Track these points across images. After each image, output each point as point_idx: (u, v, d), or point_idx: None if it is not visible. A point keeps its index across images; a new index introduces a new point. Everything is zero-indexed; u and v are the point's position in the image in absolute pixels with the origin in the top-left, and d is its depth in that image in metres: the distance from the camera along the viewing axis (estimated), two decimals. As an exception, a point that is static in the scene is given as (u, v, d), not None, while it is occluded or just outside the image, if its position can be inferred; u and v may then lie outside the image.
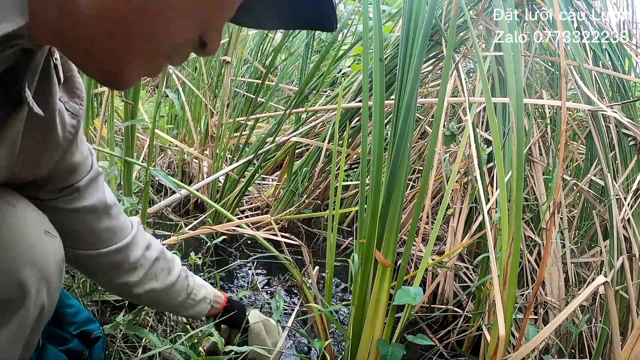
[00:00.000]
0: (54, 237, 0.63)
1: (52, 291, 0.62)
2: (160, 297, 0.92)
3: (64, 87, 0.62)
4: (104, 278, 0.86)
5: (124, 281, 0.85)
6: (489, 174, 1.37)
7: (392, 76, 1.56)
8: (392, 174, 0.94)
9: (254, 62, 2.42)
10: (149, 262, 0.88)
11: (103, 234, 0.78)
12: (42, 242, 0.61)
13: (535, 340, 0.91)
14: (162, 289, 0.91)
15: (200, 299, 1.00)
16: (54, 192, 0.69)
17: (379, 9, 1.01)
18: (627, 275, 1.12)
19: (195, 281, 1.00)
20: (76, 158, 0.69)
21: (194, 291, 0.98)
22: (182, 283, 0.95)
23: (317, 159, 1.92)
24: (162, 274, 0.91)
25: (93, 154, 0.75)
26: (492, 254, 0.97)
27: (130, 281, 0.85)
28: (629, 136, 1.25)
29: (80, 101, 0.65)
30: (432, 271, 1.59)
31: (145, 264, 0.87)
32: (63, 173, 0.68)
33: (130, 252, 0.83)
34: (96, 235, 0.78)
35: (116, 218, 0.80)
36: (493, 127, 0.96)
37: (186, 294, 0.96)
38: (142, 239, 0.88)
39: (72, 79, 0.64)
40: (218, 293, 1.06)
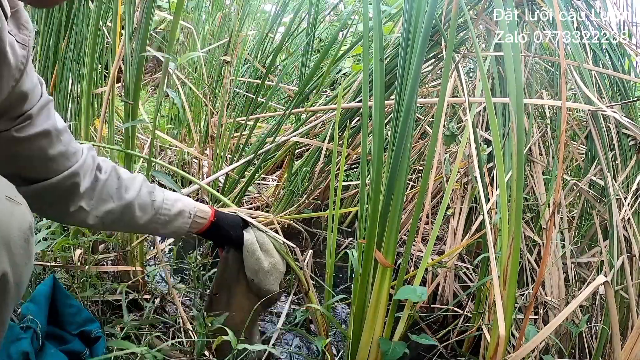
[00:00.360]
0: (18, 204, 0.62)
1: (17, 259, 0.59)
2: (122, 218, 0.89)
3: (12, 21, 0.66)
4: (60, 210, 0.84)
5: (77, 207, 0.83)
6: (489, 174, 1.37)
7: (392, 76, 1.56)
8: (392, 174, 0.94)
9: (254, 62, 2.42)
10: (100, 183, 0.86)
11: (56, 160, 0.79)
12: (1, 208, 0.58)
13: (535, 340, 0.91)
14: (120, 209, 0.88)
15: (177, 213, 0.95)
16: (8, 121, 0.72)
17: (379, 9, 1.01)
18: (627, 275, 1.12)
19: (166, 195, 0.95)
20: (27, 86, 0.72)
21: (165, 205, 0.93)
22: (145, 198, 0.91)
23: (317, 159, 1.92)
24: (117, 193, 0.87)
25: (43, 83, 0.78)
26: (492, 254, 0.97)
27: (84, 205, 0.84)
28: (629, 136, 1.25)
29: (28, 33, 0.69)
30: (432, 271, 1.59)
31: (97, 185, 0.85)
32: (16, 102, 0.71)
33: (82, 176, 0.83)
34: (50, 162, 0.78)
35: (67, 144, 0.81)
36: (493, 127, 0.96)
37: (153, 210, 0.92)
38: (94, 162, 0.86)
39: (19, 12, 0.67)
40: (202, 206, 1.00)
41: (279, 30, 2.44)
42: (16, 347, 0.78)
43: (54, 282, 0.94)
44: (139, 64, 1.12)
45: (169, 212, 0.94)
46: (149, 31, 1.11)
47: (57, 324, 0.93)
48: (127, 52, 1.14)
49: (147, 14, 1.10)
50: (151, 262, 1.43)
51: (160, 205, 0.93)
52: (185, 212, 0.96)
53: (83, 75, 1.37)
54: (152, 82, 3.52)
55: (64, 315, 0.94)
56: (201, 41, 2.38)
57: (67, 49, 1.44)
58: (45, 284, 0.94)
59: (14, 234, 0.58)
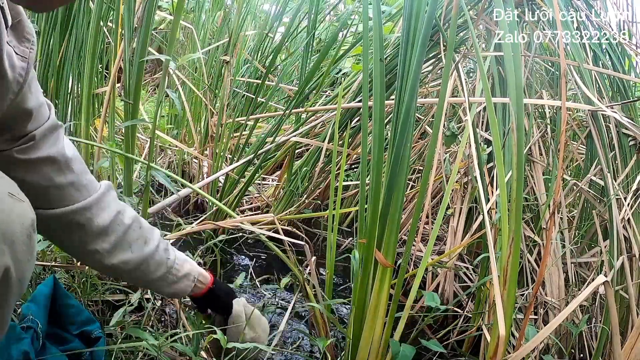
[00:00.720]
0: (21, 201, 0.61)
1: (19, 255, 0.59)
2: (137, 269, 0.86)
3: (12, 32, 0.63)
4: (73, 244, 0.81)
5: (94, 248, 0.80)
6: (489, 174, 1.37)
7: (392, 76, 1.57)
8: (392, 174, 0.95)
9: (254, 62, 2.42)
10: (121, 229, 0.83)
11: (65, 190, 0.76)
12: (3, 204, 0.58)
13: (535, 340, 0.91)
14: (138, 261, 0.85)
15: (183, 275, 0.93)
16: (8, 141, 0.69)
17: (379, 9, 1.01)
18: (627, 275, 1.12)
19: (177, 255, 0.93)
20: (31, 104, 0.69)
21: (176, 266, 0.92)
22: (162, 255, 0.89)
23: (317, 159, 1.92)
24: (137, 243, 0.85)
25: (51, 106, 0.75)
26: (492, 254, 0.97)
27: (100, 249, 0.81)
28: (629, 136, 1.25)
29: (30, 45, 0.66)
30: (432, 271, 1.59)
31: (116, 230, 0.82)
32: (17, 119, 0.68)
33: (96, 213, 0.79)
34: (58, 191, 0.75)
35: (80, 174, 0.77)
36: (493, 127, 0.96)
37: (166, 268, 0.90)
38: (114, 203, 0.83)
39: (21, 24, 0.64)
40: (204, 272, 0.99)
41: (279, 30, 2.44)
42: (17, 347, 0.78)
43: (54, 282, 0.94)
44: (139, 64, 1.12)
45: (178, 272, 0.93)
46: (149, 31, 1.11)
47: (58, 324, 0.93)
48: (127, 52, 1.14)
49: (148, 14, 1.10)
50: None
51: (172, 264, 0.91)
52: (191, 275, 0.95)
53: (83, 75, 1.38)
54: (152, 82, 3.52)
55: (65, 315, 0.94)
56: (201, 41, 2.38)
57: (67, 49, 1.44)
58: (46, 284, 0.94)
59: (16, 230, 0.58)
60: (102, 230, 0.81)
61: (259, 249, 1.81)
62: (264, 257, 1.81)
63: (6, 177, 0.62)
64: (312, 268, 1.21)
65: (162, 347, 0.91)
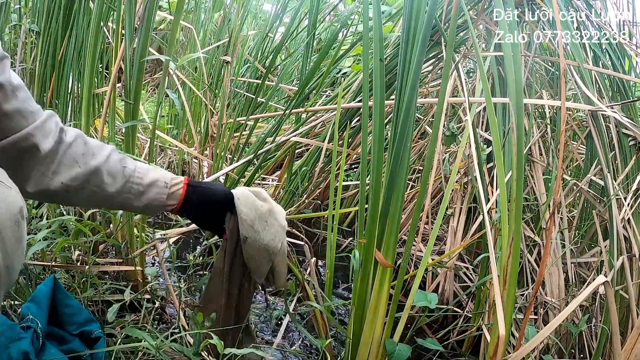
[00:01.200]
0: (8, 187, 0.60)
1: (7, 243, 0.57)
2: (89, 184, 0.79)
3: None
4: (22, 177, 0.77)
5: (40, 172, 0.76)
6: (489, 174, 1.37)
7: (392, 76, 1.57)
8: (392, 174, 0.95)
9: (254, 62, 2.42)
10: (63, 147, 0.78)
11: (12, 117, 0.74)
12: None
13: (535, 340, 0.91)
14: (87, 173, 0.79)
15: (150, 183, 0.83)
16: None
17: (379, 9, 1.01)
18: (627, 275, 1.12)
19: (139, 165, 0.85)
20: None
21: (138, 174, 0.83)
22: (116, 165, 0.81)
23: (317, 159, 1.93)
24: (83, 158, 0.79)
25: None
26: (492, 254, 0.97)
27: (45, 171, 0.77)
28: (629, 136, 1.25)
29: None
30: (432, 271, 1.59)
31: (60, 150, 0.78)
32: None
33: (42, 138, 0.76)
34: (5, 118, 0.73)
35: (26, 102, 0.76)
36: (493, 127, 0.96)
37: (124, 178, 0.82)
38: (57, 126, 0.79)
39: None
40: (180, 177, 0.89)
41: (279, 30, 2.44)
42: (16, 347, 0.78)
43: (54, 282, 0.95)
44: (140, 64, 1.12)
45: (142, 180, 0.83)
46: (150, 31, 1.11)
47: (57, 324, 0.93)
48: (128, 52, 1.14)
49: (148, 14, 1.10)
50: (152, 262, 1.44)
51: (131, 173, 0.82)
52: (160, 181, 0.84)
53: (84, 75, 1.38)
54: (152, 82, 3.52)
55: (64, 315, 0.94)
56: (201, 41, 2.38)
57: (67, 48, 1.44)
58: (46, 284, 0.94)
59: (3, 217, 0.57)
60: (48, 153, 0.77)
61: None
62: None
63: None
64: (312, 269, 1.21)
65: (161, 348, 0.91)
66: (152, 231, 1.33)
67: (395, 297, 1.00)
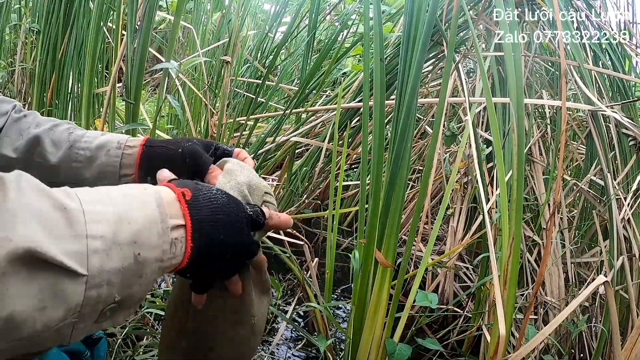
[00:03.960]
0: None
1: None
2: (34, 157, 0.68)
3: None
4: None
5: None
6: (489, 174, 1.37)
7: (393, 76, 1.57)
8: (392, 173, 0.95)
9: (254, 62, 2.42)
10: (11, 120, 0.69)
11: None
12: None
13: (535, 340, 0.91)
14: (28, 142, 0.68)
15: (99, 146, 0.68)
16: None
17: (380, 8, 1.01)
18: (627, 275, 1.13)
19: (90, 132, 0.71)
20: None
21: (86, 139, 0.69)
22: (62, 134, 0.70)
23: (317, 159, 1.93)
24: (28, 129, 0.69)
25: None
26: (492, 254, 0.97)
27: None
28: (629, 136, 1.25)
29: None
30: (432, 271, 1.59)
31: (7, 124, 0.69)
32: None
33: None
34: None
35: None
36: (493, 127, 0.96)
37: (69, 143, 0.68)
38: (13, 109, 0.70)
39: None
40: (137, 138, 0.71)
41: (279, 30, 2.44)
42: None
43: None
44: (140, 64, 1.12)
45: (90, 144, 0.69)
46: (150, 31, 1.11)
47: None
48: (128, 52, 1.14)
49: (148, 14, 1.10)
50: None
51: (78, 138, 0.69)
52: (111, 142, 0.69)
53: (84, 75, 1.38)
54: (152, 82, 3.52)
55: None
56: (201, 41, 2.38)
57: (67, 48, 1.44)
58: None
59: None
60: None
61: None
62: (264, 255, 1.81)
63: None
64: (312, 270, 1.21)
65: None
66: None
67: (395, 297, 1.00)
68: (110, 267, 0.38)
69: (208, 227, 0.47)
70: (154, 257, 0.42)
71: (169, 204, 0.45)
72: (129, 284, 0.40)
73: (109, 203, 0.41)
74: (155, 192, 0.45)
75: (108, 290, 0.38)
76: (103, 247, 0.38)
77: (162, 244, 0.43)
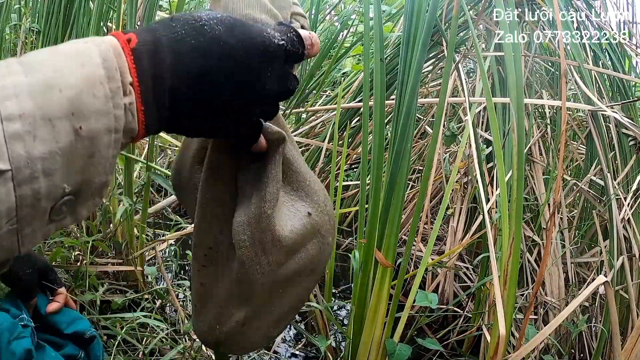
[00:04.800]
0: None
1: None
2: None
3: None
4: None
5: None
6: (489, 174, 1.37)
7: (393, 76, 1.57)
8: (392, 173, 0.94)
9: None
10: None
11: None
12: None
13: (535, 340, 0.91)
14: None
15: None
16: None
17: (380, 8, 1.01)
18: (627, 275, 1.12)
19: None
20: None
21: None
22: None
23: (317, 159, 1.92)
24: None
25: None
26: (492, 254, 0.97)
27: None
28: (629, 136, 1.25)
29: None
30: (432, 271, 1.59)
31: None
32: None
33: None
34: None
35: None
36: (493, 127, 0.96)
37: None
38: None
39: None
40: None
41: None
42: (20, 345, 0.77)
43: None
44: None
45: None
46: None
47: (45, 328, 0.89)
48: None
49: (149, 14, 1.10)
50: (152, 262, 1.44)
51: None
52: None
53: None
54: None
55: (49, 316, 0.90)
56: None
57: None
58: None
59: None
60: None
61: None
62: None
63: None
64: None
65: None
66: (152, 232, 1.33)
67: (395, 297, 1.00)
68: (42, 152, 0.29)
69: (181, 82, 0.36)
70: (104, 128, 0.32)
71: (119, 55, 0.34)
72: (79, 169, 0.32)
73: (37, 70, 0.31)
74: (101, 43, 0.34)
75: (47, 181, 0.30)
76: (26, 129, 0.29)
77: (113, 109, 0.33)
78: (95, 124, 0.31)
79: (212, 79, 0.37)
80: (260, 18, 0.42)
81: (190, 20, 0.37)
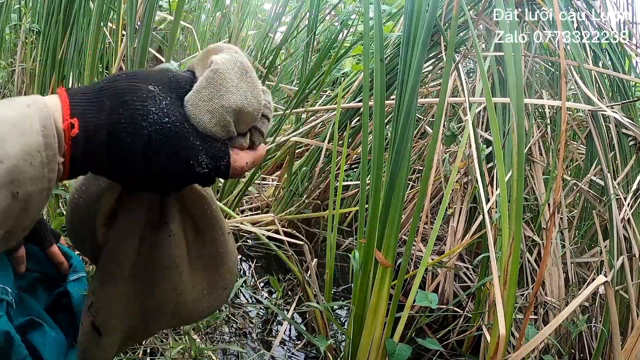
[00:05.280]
0: None
1: None
2: None
3: None
4: None
5: None
6: (489, 174, 1.37)
7: (393, 76, 1.57)
8: (392, 174, 0.95)
9: (254, 63, 2.42)
10: None
11: None
12: None
13: (535, 340, 0.91)
14: None
15: None
16: None
17: (380, 8, 1.01)
18: (627, 275, 1.12)
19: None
20: None
21: None
22: None
23: (317, 159, 1.92)
24: None
25: None
26: (492, 254, 0.97)
27: None
28: (629, 136, 1.25)
29: None
30: (432, 271, 1.59)
31: None
32: None
33: None
34: None
35: None
36: (493, 127, 0.96)
37: None
38: None
39: None
40: None
41: (279, 30, 2.44)
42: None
43: None
44: (140, 64, 1.12)
45: None
46: (150, 32, 1.11)
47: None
48: (128, 52, 1.14)
49: (148, 14, 1.10)
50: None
51: None
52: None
53: (84, 75, 1.38)
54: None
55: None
56: (201, 41, 2.38)
57: (67, 48, 1.44)
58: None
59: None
60: None
61: (258, 249, 1.81)
62: (265, 257, 1.81)
63: None
64: (312, 270, 1.21)
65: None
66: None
67: (395, 297, 1.00)
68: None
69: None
70: (39, 189, 0.36)
71: (57, 119, 0.37)
72: (12, 220, 0.36)
73: None
74: (42, 108, 0.36)
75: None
76: None
77: (47, 174, 0.36)
78: (31, 187, 0.35)
79: (133, 165, 0.40)
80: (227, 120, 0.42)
81: (136, 115, 0.39)
